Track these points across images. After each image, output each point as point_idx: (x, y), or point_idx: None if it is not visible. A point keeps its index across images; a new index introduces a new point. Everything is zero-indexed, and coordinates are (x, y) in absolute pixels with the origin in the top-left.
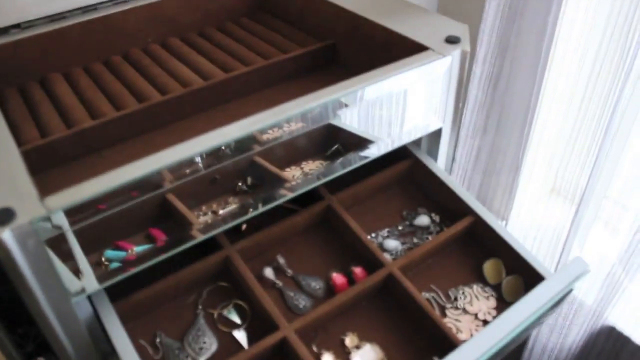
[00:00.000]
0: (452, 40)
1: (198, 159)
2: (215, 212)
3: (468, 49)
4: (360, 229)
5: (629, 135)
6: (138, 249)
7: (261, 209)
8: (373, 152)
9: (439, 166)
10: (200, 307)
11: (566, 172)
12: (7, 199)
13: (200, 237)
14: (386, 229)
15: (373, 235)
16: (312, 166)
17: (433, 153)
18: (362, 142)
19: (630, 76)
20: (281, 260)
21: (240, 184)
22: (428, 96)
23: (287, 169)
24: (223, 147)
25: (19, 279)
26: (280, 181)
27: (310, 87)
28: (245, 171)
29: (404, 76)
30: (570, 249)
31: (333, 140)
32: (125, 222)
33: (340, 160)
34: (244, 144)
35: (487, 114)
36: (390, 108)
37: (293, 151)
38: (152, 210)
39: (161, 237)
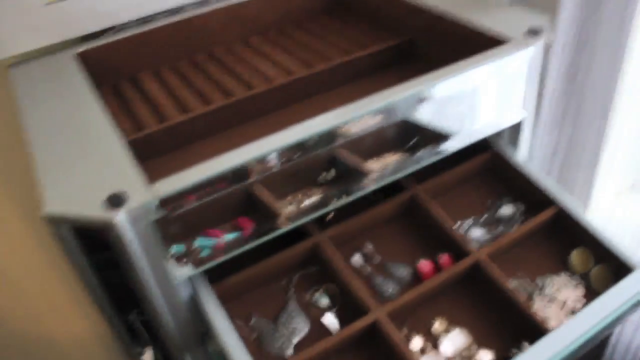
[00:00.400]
0: (533, 32)
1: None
2: (300, 202)
3: (550, 40)
4: (445, 217)
5: None
6: (228, 236)
7: (345, 199)
8: (454, 144)
9: (520, 158)
10: (292, 290)
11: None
12: (119, 185)
13: (286, 227)
14: (471, 218)
15: (458, 224)
16: (393, 158)
17: (514, 144)
18: (442, 136)
19: None
20: (369, 247)
21: (324, 174)
22: (510, 88)
23: (369, 160)
24: (307, 141)
25: (129, 260)
26: (362, 173)
27: (389, 82)
28: (328, 163)
29: (483, 69)
30: None
31: (413, 134)
32: (216, 211)
33: (420, 152)
34: (327, 137)
35: (564, 107)
36: (471, 101)
37: (375, 142)
38: (240, 200)
39: (248, 226)
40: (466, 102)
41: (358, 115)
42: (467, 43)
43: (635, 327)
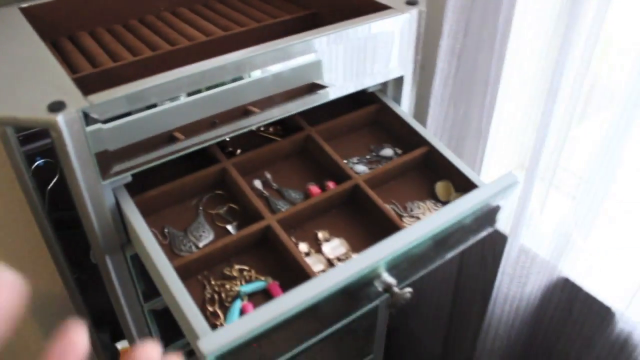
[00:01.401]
0: (411, 2)
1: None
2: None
3: (424, 8)
4: (334, 152)
5: (575, 107)
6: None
7: (252, 127)
8: (339, 92)
9: (401, 109)
10: (200, 208)
11: (524, 142)
12: (60, 97)
13: (207, 142)
14: (356, 157)
15: (345, 161)
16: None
17: (397, 99)
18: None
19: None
20: (268, 175)
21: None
22: (390, 47)
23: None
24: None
25: (66, 159)
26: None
27: None
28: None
29: (365, 27)
30: (528, 207)
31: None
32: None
33: (316, 94)
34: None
35: (453, 85)
36: (360, 55)
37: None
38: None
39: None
40: (356, 56)
41: (261, 54)
42: (362, 13)
43: (510, 278)
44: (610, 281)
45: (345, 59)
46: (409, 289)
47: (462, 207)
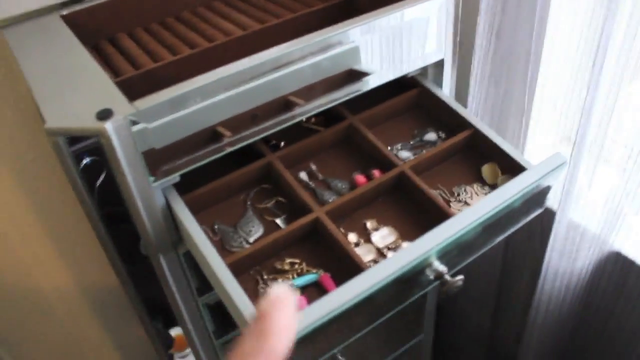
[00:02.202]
0: None
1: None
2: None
3: None
4: (377, 141)
5: (622, 78)
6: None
7: (295, 120)
8: (386, 77)
9: (443, 92)
10: (248, 203)
11: (568, 116)
12: (106, 104)
13: (252, 139)
14: (400, 144)
15: (389, 148)
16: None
17: (439, 83)
18: (370, 71)
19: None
20: (313, 167)
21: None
22: (427, 31)
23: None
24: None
25: (116, 163)
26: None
27: None
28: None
29: (406, 12)
30: (577, 186)
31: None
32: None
33: (358, 82)
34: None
35: (492, 63)
36: (398, 41)
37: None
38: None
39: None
40: (389, 43)
41: (299, 48)
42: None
43: (559, 254)
44: None
45: (382, 47)
46: (460, 277)
47: (511, 192)
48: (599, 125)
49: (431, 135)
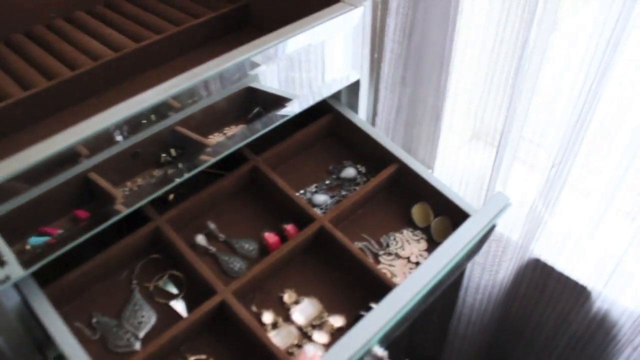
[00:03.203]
0: None
1: (117, 133)
2: (138, 185)
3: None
4: (287, 186)
5: (538, 76)
6: (63, 232)
7: (185, 176)
8: (293, 109)
9: (360, 118)
10: (134, 282)
11: (484, 116)
12: None
13: (125, 211)
14: (314, 185)
15: (301, 192)
16: (234, 130)
17: (353, 106)
18: (281, 101)
19: (534, 19)
20: (212, 225)
21: (164, 155)
22: (343, 48)
23: (210, 136)
24: (141, 119)
25: None
26: (202, 147)
27: (225, 52)
28: (168, 142)
29: (317, 30)
30: (494, 189)
31: (253, 103)
32: (48, 205)
33: (261, 120)
34: (161, 112)
35: (404, 65)
36: (307, 63)
37: (214, 117)
38: (74, 191)
39: (86, 216)
40: (302, 65)
41: (191, 85)
42: (301, 5)
43: (482, 268)
44: (584, 260)
45: (298, 70)
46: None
47: (459, 245)
48: (520, 126)
49: (350, 171)
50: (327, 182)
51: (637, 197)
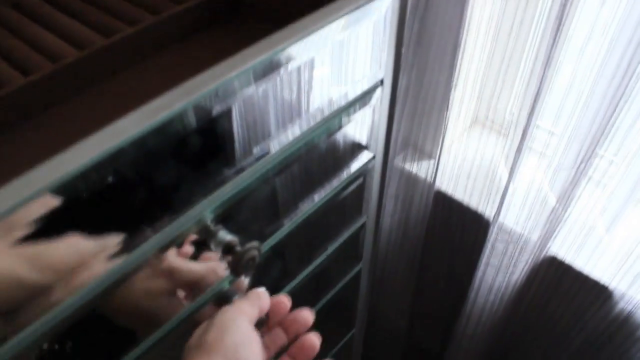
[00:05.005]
0: None
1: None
2: None
3: None
4: None
5: (558, 63)
6: None
7: None
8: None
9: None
10: None
11: (498, 105)
12: None
13: None
14: None
15: None
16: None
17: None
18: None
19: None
20: None
21: None
22: (368, 46)
23: None
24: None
25: None
26: None
27: (217, 46)
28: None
29: (342, 22)
30: (507, 184)
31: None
32: None
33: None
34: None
35: (413, 50)
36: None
37: None
38: None
39: None
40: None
41: (188, 104)
42: None
43: (496, 270)
44: (605, 258)
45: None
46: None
47: None
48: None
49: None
50: None
51: None
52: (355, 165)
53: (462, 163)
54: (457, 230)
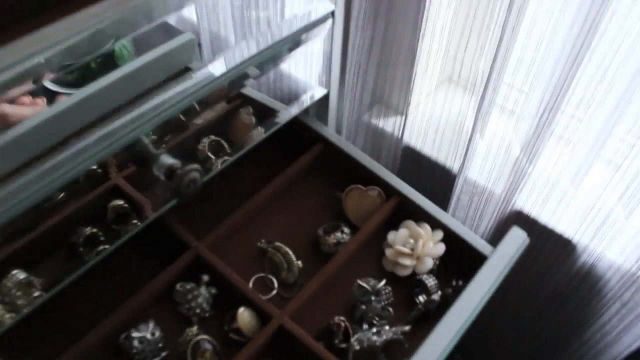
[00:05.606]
0: None
1: None
2: None
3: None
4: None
5: (524, 19)
6: None
7: None
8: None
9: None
10: None
11: (464, 60)
12: None
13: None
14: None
15: None
16: None
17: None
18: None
19: None
20: None
21: None
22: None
23: None
24: None
25: None
26: None
27: None
28: None
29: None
30: (474, 138)
31: None
32: None
33: None
34: None
35: (376, 2)
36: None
37: None
38: None
39: None
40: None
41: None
42: None
43: (462, 221)
44: (569, 212)
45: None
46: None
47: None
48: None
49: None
50: None
51: (628, 147)
52: (307, 100)
53: (430, 118)
54: (426, 184)
